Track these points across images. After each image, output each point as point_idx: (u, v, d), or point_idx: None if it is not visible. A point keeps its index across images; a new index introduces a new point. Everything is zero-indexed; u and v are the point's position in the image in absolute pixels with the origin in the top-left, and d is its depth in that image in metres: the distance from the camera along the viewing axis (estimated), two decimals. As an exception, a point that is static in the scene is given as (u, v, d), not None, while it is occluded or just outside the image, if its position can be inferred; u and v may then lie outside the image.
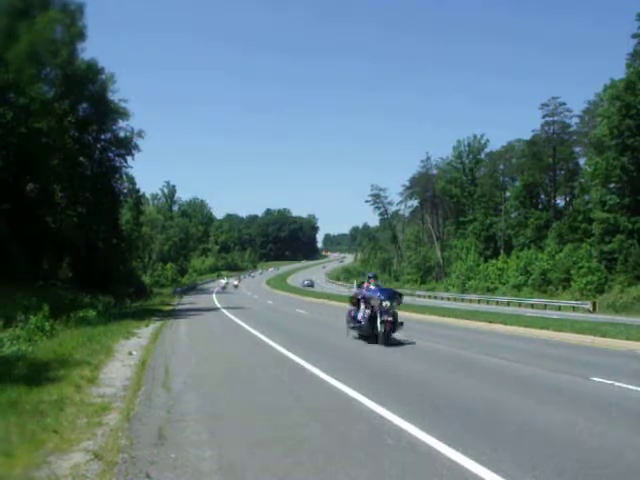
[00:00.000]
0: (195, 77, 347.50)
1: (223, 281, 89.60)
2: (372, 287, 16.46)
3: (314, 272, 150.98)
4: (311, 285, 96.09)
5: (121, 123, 43.00)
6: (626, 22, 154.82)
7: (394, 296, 15.80)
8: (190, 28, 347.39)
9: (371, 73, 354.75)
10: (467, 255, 72.05)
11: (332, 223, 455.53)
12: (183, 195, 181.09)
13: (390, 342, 15.02)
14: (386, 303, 15.02)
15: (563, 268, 51.29)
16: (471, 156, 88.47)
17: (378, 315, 15.18)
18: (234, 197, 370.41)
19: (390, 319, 15.03)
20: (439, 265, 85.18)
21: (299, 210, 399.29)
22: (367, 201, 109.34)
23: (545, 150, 66.06)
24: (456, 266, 73.61)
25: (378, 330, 15.12)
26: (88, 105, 40.20)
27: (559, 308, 41.53)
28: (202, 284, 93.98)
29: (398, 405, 7.72)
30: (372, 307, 15.51)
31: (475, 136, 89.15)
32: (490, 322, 23.49)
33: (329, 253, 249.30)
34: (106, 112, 40.98)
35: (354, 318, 16.69)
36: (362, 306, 16.20)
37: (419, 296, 65.17)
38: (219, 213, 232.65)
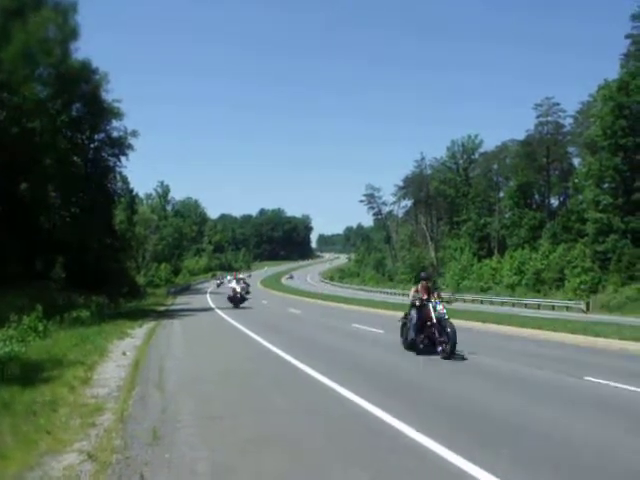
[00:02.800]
0: (190, 77, 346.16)
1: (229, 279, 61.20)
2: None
3: (309, 272, 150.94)
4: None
5: (115, 123, 42.84)
6: (620, 23, 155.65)
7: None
8: (187, 28, 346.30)
9: (365, 73, 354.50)
10: (461, 255, 72.18)
11: (326, 223, 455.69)
12: (177, 195, 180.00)
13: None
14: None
15: (557, 268, 51.48)
16: (465, 156, 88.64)
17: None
18: (228, 197, 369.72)
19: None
20: (433, 265, 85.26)
21: (293, 210, 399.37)
22: (361, 201, 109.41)
23: (539, 150, 66.26)
24: (450, 266, 73.74)
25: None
26: (81, 105, 40.01)
27: (553, 308, 41.65)
28: (196, 284, 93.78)
29: (394, 406, 7.72)
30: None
31: (469, 136, 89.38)
32: (484, 322, 23.53)
33: (323, 254, 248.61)
34: (100, 112, 40.77)
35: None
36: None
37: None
38: (213, 213, 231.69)
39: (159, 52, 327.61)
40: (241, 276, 42.89)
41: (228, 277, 67.77)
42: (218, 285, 77.46)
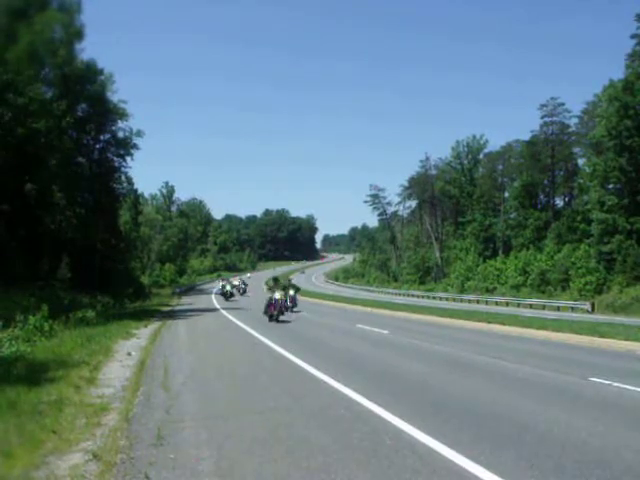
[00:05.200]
0: (194, 77, 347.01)
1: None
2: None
3: (313, 273, 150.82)
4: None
5: (120, 124, 43.03)
6: (625, 22, 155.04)
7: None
8: (190, 28, 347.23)
9: (370, 73, 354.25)
10: (466, 256, 72.01)
11: (331, 224, 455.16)
12: (182, 195, 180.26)
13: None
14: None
15: (562, 268, 51.32)
16: (470, 156, 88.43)
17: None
18: (233, 197, 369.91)
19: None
20: (438, 266, 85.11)
21: (298, 210, 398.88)
22: (366, 201, 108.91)
23: (544, 150, 66.05)
24: (455, 267, 73.59)
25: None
26: (87, 105, 40.22)
27: (558, 308, 41.54)
28: (201, 284, 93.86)
29: (396, 405, 7.73)
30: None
31: (474, 136, 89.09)
32: (489, 322, 23.52)
33: (328, 254, 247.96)
34: (105, 112, 40.99)
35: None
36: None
37: (416, 296, 65.33)
38: (218, 213, 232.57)
39: (165, 52, 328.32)
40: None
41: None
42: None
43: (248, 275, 74.26)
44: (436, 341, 17.27)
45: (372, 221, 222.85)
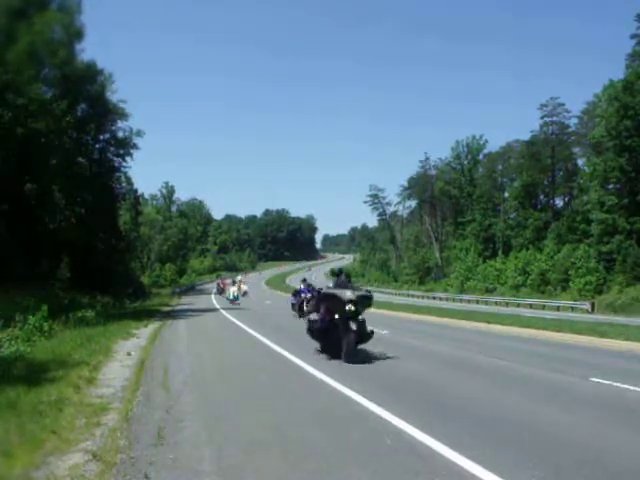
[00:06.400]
0: (194, 76, 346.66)
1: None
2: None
3: (312, 273, 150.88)
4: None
5: (120, 123, 43.04)
6: (625, 23, 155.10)
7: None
8: (190, 27, 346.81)
9: (370, 73, 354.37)
10: (466, 256, 72.04)
11: (331, 224, 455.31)
12: (182, 195, 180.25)
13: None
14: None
15: (562, 269, 51.33)
16: (470, 157, 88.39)
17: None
18: (233, 197, 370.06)
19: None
20: (438, 266, 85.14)
21: (298, 210, 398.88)
22: (365, 201, 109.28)
23: (544, 151, 66.08)
24: (455, 267, 73.61)
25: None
26: (87, 105, 40.23)
27: (558, 308, 41.57)
28: (201, 284, 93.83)
29: (397, 405, 7.72)
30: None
31: (474, 137, 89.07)
32: (488, 322, 23.52)
33: (327, 254, 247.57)
34: (105, 112, 40.99)
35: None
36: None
37: (415, 296, 65.38)
38: (218, 213, 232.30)
39: (165, 51, 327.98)
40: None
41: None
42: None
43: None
44: (436, 341, 17.28)
45: (372, 221, 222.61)
